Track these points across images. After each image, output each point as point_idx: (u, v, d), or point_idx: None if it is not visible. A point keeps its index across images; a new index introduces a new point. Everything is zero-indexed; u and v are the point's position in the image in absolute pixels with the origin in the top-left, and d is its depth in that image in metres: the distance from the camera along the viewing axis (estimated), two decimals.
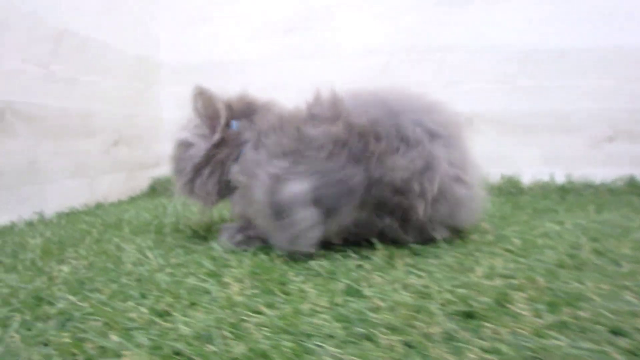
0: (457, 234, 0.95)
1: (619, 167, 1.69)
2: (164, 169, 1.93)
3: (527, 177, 1.73)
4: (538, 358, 0.46)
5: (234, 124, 0.93)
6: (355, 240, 0.88)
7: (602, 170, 1.70)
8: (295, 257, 0.82)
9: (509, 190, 1.65)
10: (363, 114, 0.83)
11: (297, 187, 0.76)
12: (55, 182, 1.32)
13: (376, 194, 0.81)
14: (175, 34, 1.93)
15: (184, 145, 0.95)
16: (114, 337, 0.52)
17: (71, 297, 0.65)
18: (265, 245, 0.90)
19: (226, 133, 0.92)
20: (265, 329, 0.54)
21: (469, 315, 0.57)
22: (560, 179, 1.69)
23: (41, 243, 0.97)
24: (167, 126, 1.94)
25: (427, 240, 0.89)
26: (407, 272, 0.74)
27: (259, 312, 0.59)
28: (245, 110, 0.94)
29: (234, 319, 0.57)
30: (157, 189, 1.82)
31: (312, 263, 0.79)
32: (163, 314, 0.60)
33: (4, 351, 0.50)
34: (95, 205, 1.47)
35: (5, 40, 1.12)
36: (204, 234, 1.05)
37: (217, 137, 0.91)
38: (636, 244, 0.87)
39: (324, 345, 0.49)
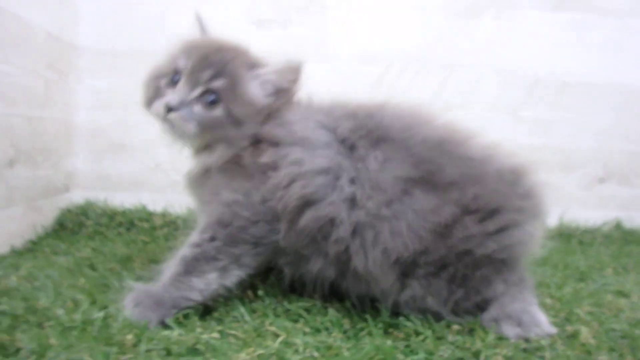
0: None
1: (608, 210, 1.62)
2: (78, 194, 1.39)
3: None
4: None
5: None
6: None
7: (592, 213, 1.61)
8: None
9: None
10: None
11: None
12: None
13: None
14: (101, 9, 1.39)
15: None
16: None
17: None
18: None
19: None
20: None
21: None
22: (552, 220, 1.54)
23: None
24: (81, 133, 1.40)
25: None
26: None
27: None
28: None
29: None
30: (67, 225, 1.28)
31: None
32: None
33: None
34: None
35: None
36: None
37: None
38: None
39: None
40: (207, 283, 0.72)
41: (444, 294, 0.71)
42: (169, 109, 0.74)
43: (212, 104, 0.76)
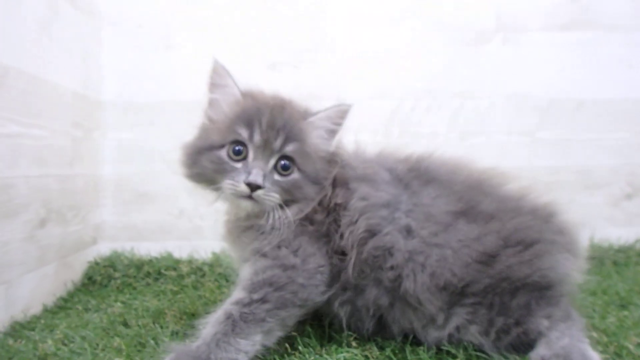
0: None
1: (639, 226, 1.58)
2: (105, 246, 1.40)
3: None
4: None
5: None
6: None
7: (622, 230, 1.56)
8: None
9: None
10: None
11: None
12: None
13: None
14: (122, 64, 1.44)
15: None
16: None
17: None
18: None
19: None
20: None
21: None
22: (582, 241, 1.47)
23: None
24: (107, 186, 1.43)
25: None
26: None
27: None
28: None
29: None
30: (96, 279, 1.28)
31: None
32: None
33: None
34: (7, 331, 0.92)
35: None
36: None
37: None
38: None
39: None
40: (253, 344, 0.71)
41: (485, 322, 0.73)
42: (255, 187, 0.74)
43: (286, 168, 0.78)
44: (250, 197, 0.75)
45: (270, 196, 0.75)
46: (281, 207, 0.77)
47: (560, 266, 0.75)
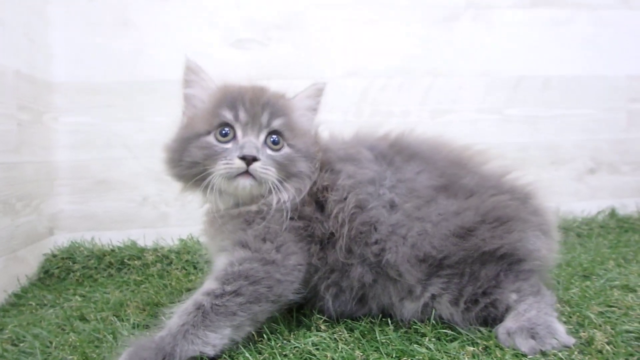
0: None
1: (601, 200, 1.63)
2: (62, 237, 1.32)
3: None
4: None
5: None
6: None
7: (585, 203, 1.61)
8: None
9: None
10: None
11: None
12: None
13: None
14: (73, 42, 1.34)
15: None
16: None
17: None
18: None
19: None
20: None
21: None
22: None
23: None
24: (63, 173, 1.34)
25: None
26: None
27: None
28: None
29: None
30: (53, 272, 1.21)
31: None
32: None
33: None
34: None
35: None
36: None
37: None
38: None
39: None
40: (221, 338, 0.67)
41: (456, 292, 0.74)
42: (251, 160, 0.73)
43: (277, 143, 0.78)
44: (247, 172, 0.73)
45: (268, 169, 0.74)
46: (281, 183, 0.75)
47: (530, 242, 0.76)
